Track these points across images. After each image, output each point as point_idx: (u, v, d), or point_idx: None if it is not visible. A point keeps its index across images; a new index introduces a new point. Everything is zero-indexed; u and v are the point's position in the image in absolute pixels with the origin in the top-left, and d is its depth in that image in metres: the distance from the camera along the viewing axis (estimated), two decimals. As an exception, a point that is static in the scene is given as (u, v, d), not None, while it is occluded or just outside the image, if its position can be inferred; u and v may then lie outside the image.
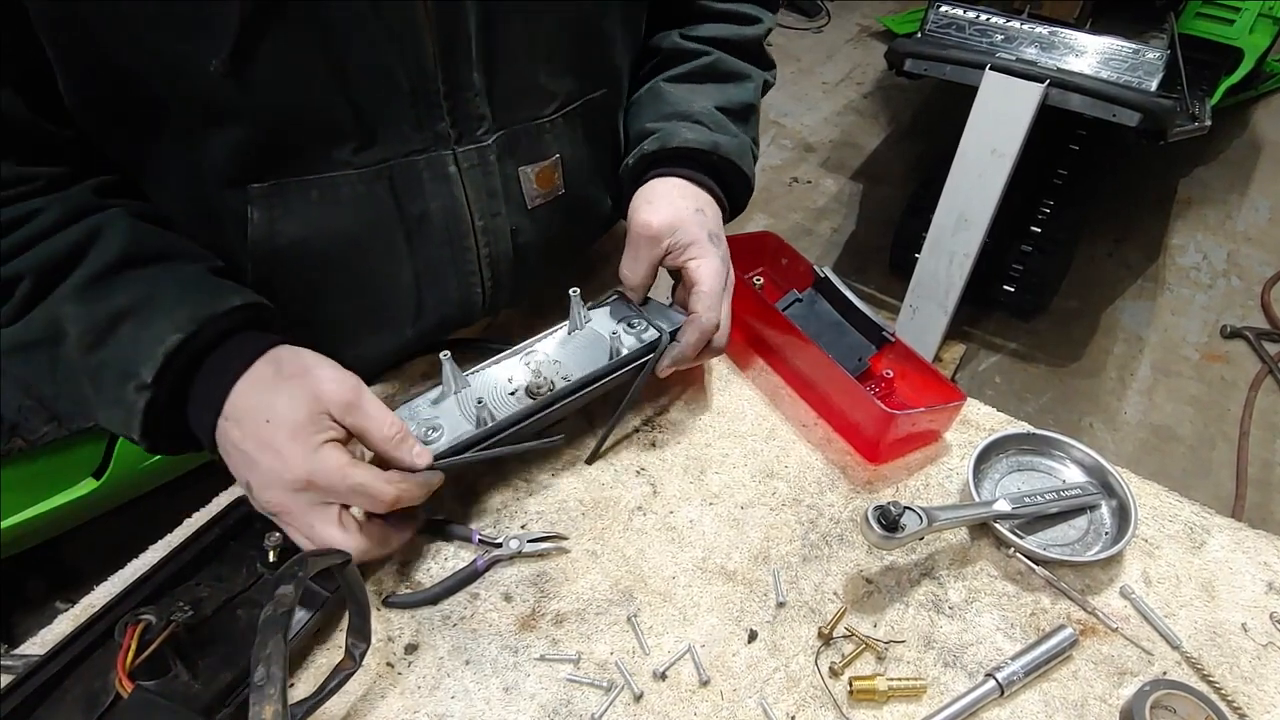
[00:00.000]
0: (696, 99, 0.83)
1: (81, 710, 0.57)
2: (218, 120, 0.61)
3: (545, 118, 0.75)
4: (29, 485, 1.49)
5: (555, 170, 0.79)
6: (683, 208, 0.77)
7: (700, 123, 0.81)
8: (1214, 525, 0.74)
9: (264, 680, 0.47)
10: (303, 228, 0.68)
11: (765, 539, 0.72)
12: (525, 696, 0.62)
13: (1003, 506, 0.71)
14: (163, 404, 0.59)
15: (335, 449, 0.60)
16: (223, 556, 0.68)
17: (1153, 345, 2.55)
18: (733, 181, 0.84)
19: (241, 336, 0.62)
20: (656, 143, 0.80)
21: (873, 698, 0.61)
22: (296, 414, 0.58)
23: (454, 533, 0.72)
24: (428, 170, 0.70)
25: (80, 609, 0.66)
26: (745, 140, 0.84)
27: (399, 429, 0.63)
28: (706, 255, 0.76)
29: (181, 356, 0.59)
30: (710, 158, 0.80)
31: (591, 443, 0.79)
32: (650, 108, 0.84)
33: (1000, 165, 1.93)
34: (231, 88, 0.59)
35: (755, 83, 0.90)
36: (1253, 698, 0.63)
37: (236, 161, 0.64)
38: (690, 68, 0.86)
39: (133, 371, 0.58)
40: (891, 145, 3.39)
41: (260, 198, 0.66)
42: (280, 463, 0.59)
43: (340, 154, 0.66)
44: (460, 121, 0.69)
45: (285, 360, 0.61)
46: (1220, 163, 3.28)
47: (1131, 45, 1.96)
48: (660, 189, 0.79)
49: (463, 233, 0.74)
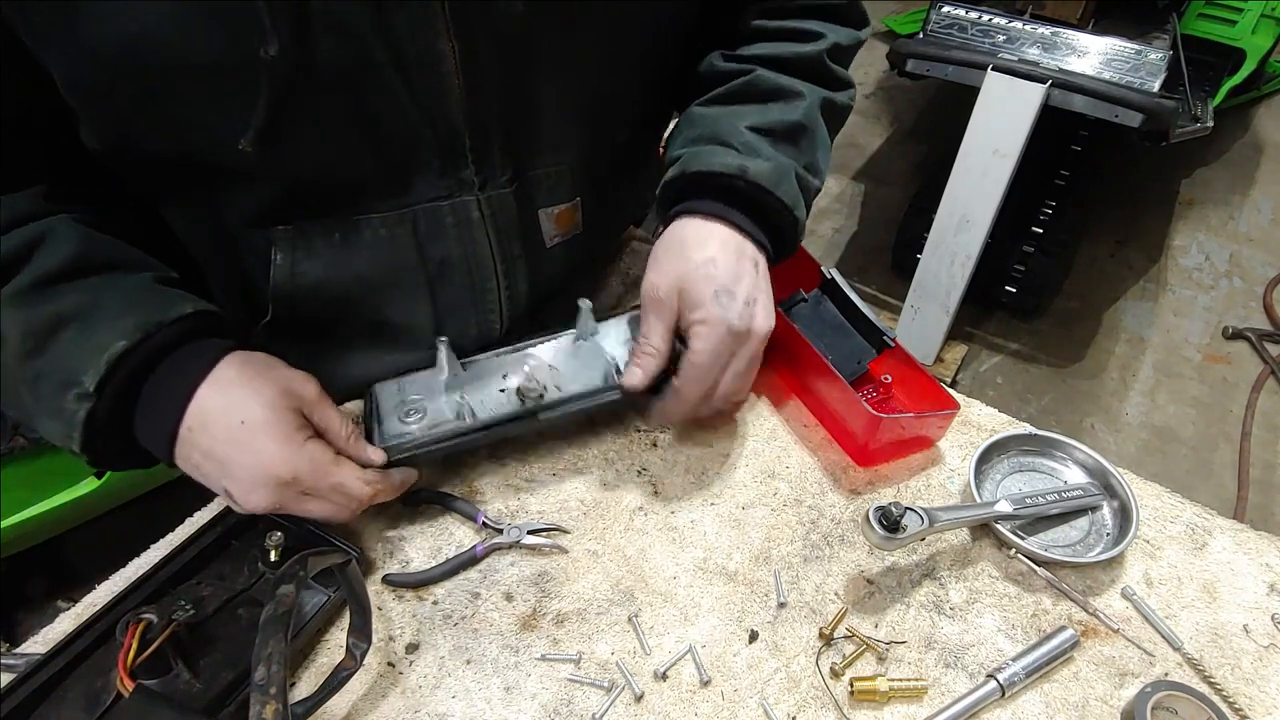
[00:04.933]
0: (728, 121, 0.74)
1: (83, 709, 0.57)
2: (245, 181, 0.62)
3: (567, 163, 0.75)
4: (31, 483, 1.49)
5: (575, 212, 0.79)
6: (693, 262, 0.68)
7: (729, 145, 0.72)
8: (1216, 526, 0.74)
9: (265, 679, 0.47)
10: (324, 269, 0.69)
11: (766, 539, 0.72)
12: (526, 696, 0.62)
13: (1004, 507, 0.71)
14: (105, 416, 0.57)
15: (319, 444, 0.61)
16: (224, 555, 0.68)
17: (1154, 346, 2.55)
18: (773, 213, 0.73)
19: (194, 345, 0.60)
20: (676, 170, 0.73)
21: (874, 698, 0.61)
22: (270, 412, 0.58)
23: (459, 509, 0.73)
24: (451, 215, 0.70)
25: (81, 608, 0.66)
26: (786, 164, 0.73)
27: (351, 428, 0.64)
28: (709, 321, 0.67)
29: (126, 365, 0.57)
30: (736, 183, 0.70)
31: (593, 442, 0.79)
32: (680, 135, 0.78)
33: (1002, 166, 1.93)
34: (259, 159, 0.59)
35: (808, 101, 0.77)
36: (1254, 699, 0.63)
37: (261, 212, 0.65)
38: (726, 89, 0.77)
39: (73, 380, 0.56)
40: (893, 145, 3.39)
41: (283, 239, 0.66)
42: (261, 462, 0.58)
43: (365, 201, 0.67)
44: (484, 170, 0.69)
45: (244, 362, 0.61)
46: (1222, 164, 3.27)
47: (1134, 46, 1.96)
48: (674, 238, 0.71)
49: (484, 275, 0.75)
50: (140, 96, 0.56)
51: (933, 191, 2.14)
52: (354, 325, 0.75)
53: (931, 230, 2.13)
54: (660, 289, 0.69)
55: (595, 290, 0.95)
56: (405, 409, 0.69)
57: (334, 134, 0.61)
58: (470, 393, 0.72)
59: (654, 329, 0.70)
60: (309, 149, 0.61)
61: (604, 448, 0.80)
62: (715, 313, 0.67)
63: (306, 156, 0.61)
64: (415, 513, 0.74)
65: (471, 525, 0.73)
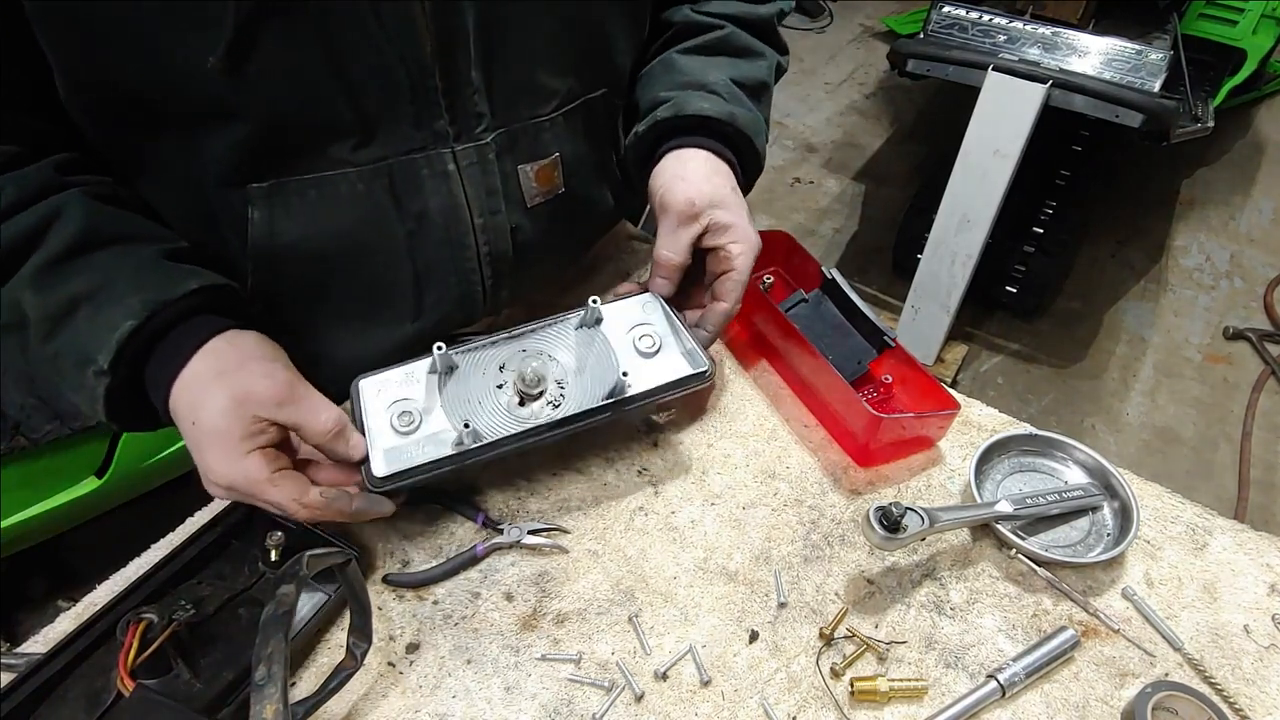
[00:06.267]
0: (711, 70, 0.81)
1: (83, 709, 0.57)
2: (217, 118, 0.61)
3: (545, 116, 0.75)
4: (31, 483, 1.49)
5: (555, 169, 0.78)
6: (720, 185, 0.75)
7: (716, 93, 0.79)
8: (1216, 527, 0.74)
9: (265, 679, 0.47)
10: (302, 227, 0.68)
11: (767, 539, 0.72)
12: (526, 696, 0.62)
13: (1004, 508, 0.71)
14: (123, 387, 0.60)
15: (258, 459, 0.59)
16: (224, 555, 0.68)
17: (1155, 346, 2.55)
18: (746, 158, 0.81)
19: (190, 323, 0.62)
20: (671, 109, 0.78)
21: (874, 699, 0.61)
22: (220, 420, 0.59)
23: (459, 509, 0.73)
24: (426, 168, 0.70)
25: (82, 607, 0.66)
26: (759, 117, 0.82)
27: (334, 423, 0.63)
28: (743, 240, 0.75)
29: (135, 342, 0.59)
30: (726, 129, 0.78)
31: (593, 443, 0.79)
32: (663, 78, 0.83)
33: (1003, 166, 1.93)
34: (229, 85, 0.59)
35: (769, 61, 0.88)
36: (1254, 699, 0.63)
37: (236, 160, 0.63)
38: (704, 40, 0.84)
39: (90, 358, 0.59)
40: (894, 146, 3.39)
41: (260, 198, 0.66)
42: (205, 464, 0.60)
43: (339, 152, 0.66)
44: (459, 119, 0.69)
45: (223, 353, 0.61)
46: (1223, 164, 3.27)
47: (1134, 46, 1.96)
48: (691, 163, 0.77)
49: (462, 231, 0.74)
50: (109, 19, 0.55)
51: (933, 191, 2.14)
52: (335, 291, 0.73)
53: (932, 230, 2.13)
54: (697, 204, 0.74)
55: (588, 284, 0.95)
56: (397, 411, 0.66)
57: (303, 64, 0.60)
58: (466, 392, 0.69)
59: (681, 240, 0.75)
60: (279, 80, 0.60)
61: (604, 448, 0.80)
62: (750, 234, 0.76)
63: (277, 88, 0.61)
64: (415, 512, 0.74)
65: (472, 525, 0.73)
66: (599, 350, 0.74)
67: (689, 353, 0.74)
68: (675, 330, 0.76)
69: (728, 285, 0.75)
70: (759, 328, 0.89)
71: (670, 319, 0.77)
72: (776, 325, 0.84)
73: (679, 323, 0.76)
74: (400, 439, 0.66)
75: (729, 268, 0.75)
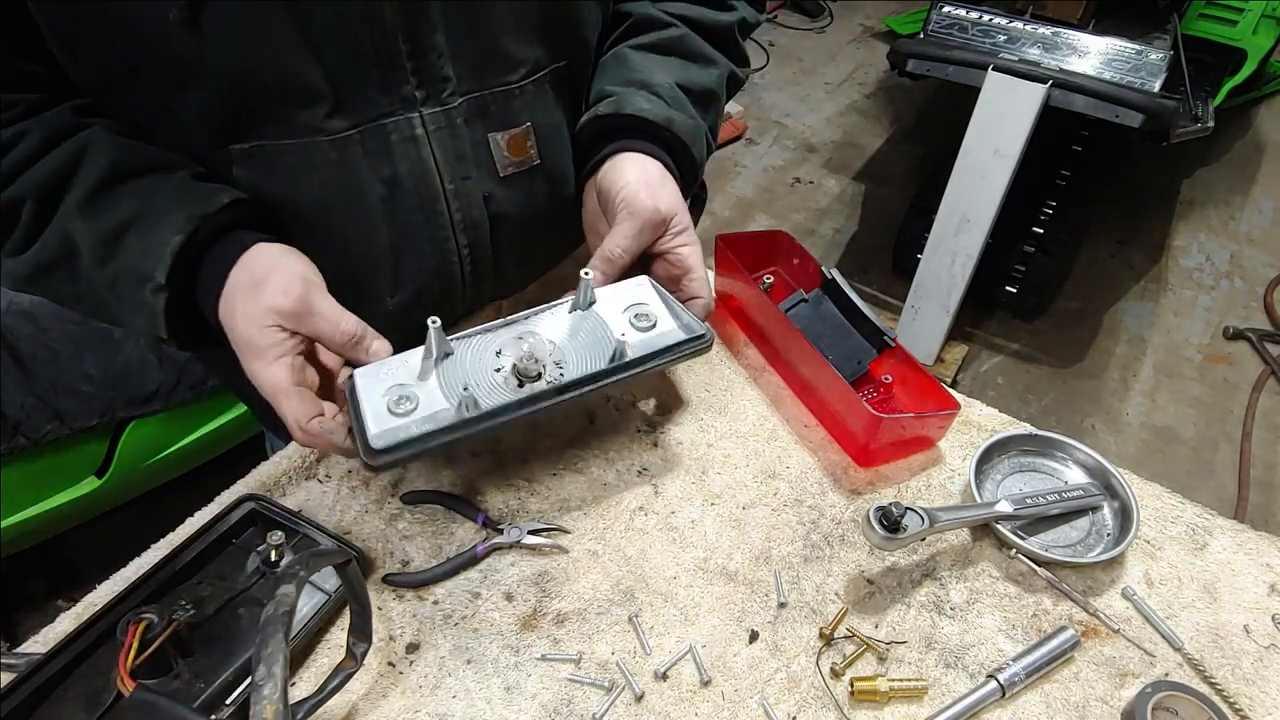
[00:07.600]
0: (658, 71, 0.81)
1: (83, 709, 0.57)
2: (184, 78, 0.63)
3: (513, 84, 0.75)
4: (31, 483, 1.49)
5: (528, 139, 0.78)
6: (675, 192, 0.77)
7: (659, 95, 0.79)
8: (1216, 527, 0.74)
9: (265, 679, 0.47)
10: (281, 190, 0.70)
11: (767, 539, 0.72)
12: (526, 696, 0.62)
13: (1004, 508, 0.71)
14: (179, 302, 0.64)
15: (283, 367, 0.62)
16: (224, 555, 0.68)
17: (1155, 346, 2.55)
18: (682, 164, 0.81)
19: (230, 238, 0.65)
20: (612, 106, 0.78)
21: (874, 699, 0.61)
22: (247, 329, 0.62)
23: (459, 509, 0.73)
24: (395, 133, 0.71)
25: (82, 607, 0.66)
26: (701, 125, 0.82)
27: (354, 331, 0.64)
28: (693, 242, 0.77)
29: (185, 255, 0.63)
30: (663, 134, 0.78)
31: (593, 442, 0.79)
32: (611, 72, 0.83)
33: (1003, 166, 1.93)
34: (192, 42, 0.60)
35: (720, 70, 0.87)
36: (1254, 699, 0.63)
37: (208, 123, 0.66)
38: (656, 38, 0.84)
39: (147, 275, 0.62)
40: (894, 146, 3.39)
41: (241, 158, 0.68)
42: (247, 369, 0.63)
43: (311, 119, 0.67)
44: (425, 83, 0.70)
45: (254, 266, 0.64)
46: (1223, 164, 3.28)
47: (1134, 46, 1.96)
48: (649, 172, 0.77)
49: (432, 197, 0.74)
50: None
51: (933, 191, 2.15)
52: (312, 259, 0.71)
53: (932, 230, 2.13)
54: (662, 213, 0.75)
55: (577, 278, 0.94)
56: (395, 395, 0.64)
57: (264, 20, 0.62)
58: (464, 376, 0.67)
59: (640, 243, 0.76)
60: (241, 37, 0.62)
61: (604, 448, 0.80)
62: (694, 235, 0.78)
63: (239, 45, 0.62)
64: (415, 513, 0.74)
65: (472, 525, 0.73)
66: (595, 328, 0.72)
67: (686, 325, 0.73)
68: (670, 306, 0.75)
69: (695, 284, 0.76)
70: (759, 327, 0.89)
71: (664, 297, 0.75)
72: (776, 325, 0.84)
73: (673, 299, 0.75)
74: (398, 420, 0.64)
75: (687, 267, 0.76)
